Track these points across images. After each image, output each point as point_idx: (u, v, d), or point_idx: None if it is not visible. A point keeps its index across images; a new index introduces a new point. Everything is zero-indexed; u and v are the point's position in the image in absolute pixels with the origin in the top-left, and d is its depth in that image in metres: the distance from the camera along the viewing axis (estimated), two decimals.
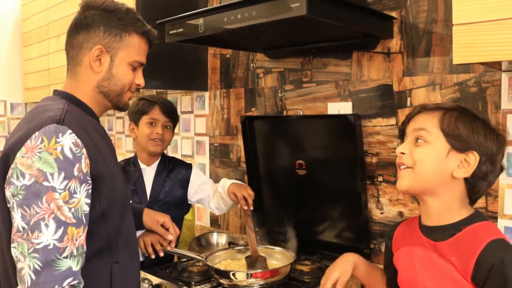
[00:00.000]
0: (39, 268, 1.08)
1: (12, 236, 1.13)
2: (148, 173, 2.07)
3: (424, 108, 1.24)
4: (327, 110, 2.01)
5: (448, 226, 1.19)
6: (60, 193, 1.12)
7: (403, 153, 1.21)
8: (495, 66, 1.40)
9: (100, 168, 1.23)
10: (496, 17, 1.10)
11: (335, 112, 1.97)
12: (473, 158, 1.15)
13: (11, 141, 1.20)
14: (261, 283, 1.56)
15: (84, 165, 1.17)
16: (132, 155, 2.13)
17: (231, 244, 2.06)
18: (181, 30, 1.79)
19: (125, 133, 3.24)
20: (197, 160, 2.67)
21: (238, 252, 1.86)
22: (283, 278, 1.60)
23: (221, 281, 1.60)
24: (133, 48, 1.35)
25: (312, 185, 1.97)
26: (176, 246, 1.86)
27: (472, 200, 1.23)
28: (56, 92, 1.36)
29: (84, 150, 1.18)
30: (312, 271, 1.77)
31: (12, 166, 1.14)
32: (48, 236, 1.10)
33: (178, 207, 2.07)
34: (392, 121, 1.81)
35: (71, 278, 1.11)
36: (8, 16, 3.55)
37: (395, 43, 1.80)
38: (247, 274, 1.55)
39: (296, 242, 1.85)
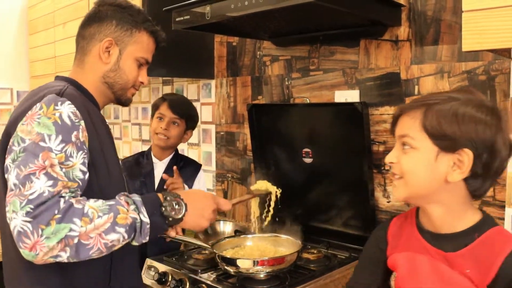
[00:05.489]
0: (31, 211, 1.04)
1: (6, 199, 1.09)
2: (159, 167, 2.14)
3: (403, 109, 1.10)
4: (334, 98, 2.00)
5: (458, 234, 1.07)
6: (56, 154, 1.11)
7: (392, 163, 1.10)
8: (504, 53, 1.38)
9: (95, 145, 1.23)
10: (507, 3, 1.09)
11: (342, 100, 1.96)
12: (466, 157, 1.01)
13: (13, 116, 1.24)
14: (268, 270, 1.56)
15: (82, 135, 1.18)
16: (137, 142, 2.17)
17: (237, 232, 2.07)
18: (187, 17, 1.78)
19: (131, 122, 3.25)
20: (203, 149, 2.67)
21: (245, 240, 1.86)
22: (289, 266, 1.60)
23: (227, 268, 1.60)
24: (141, 44, 1.41)
25: (318, 173, 1.97)
26: (183, 234, 1.85)
27: (476, 197, 1.08)
28: (58, 77, 1.40)
29: (82, 122, 1.19)
30: (319, 259, 1.77)
31: (13, 135, 1.16)
32: (41, 184, 1.07)
33: None
34: None
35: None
36: (15, 3, 3.54)
37: (403, 31, 1.78)
38: (254, 261, 1.56)
39: (302, 230, 1.85)
